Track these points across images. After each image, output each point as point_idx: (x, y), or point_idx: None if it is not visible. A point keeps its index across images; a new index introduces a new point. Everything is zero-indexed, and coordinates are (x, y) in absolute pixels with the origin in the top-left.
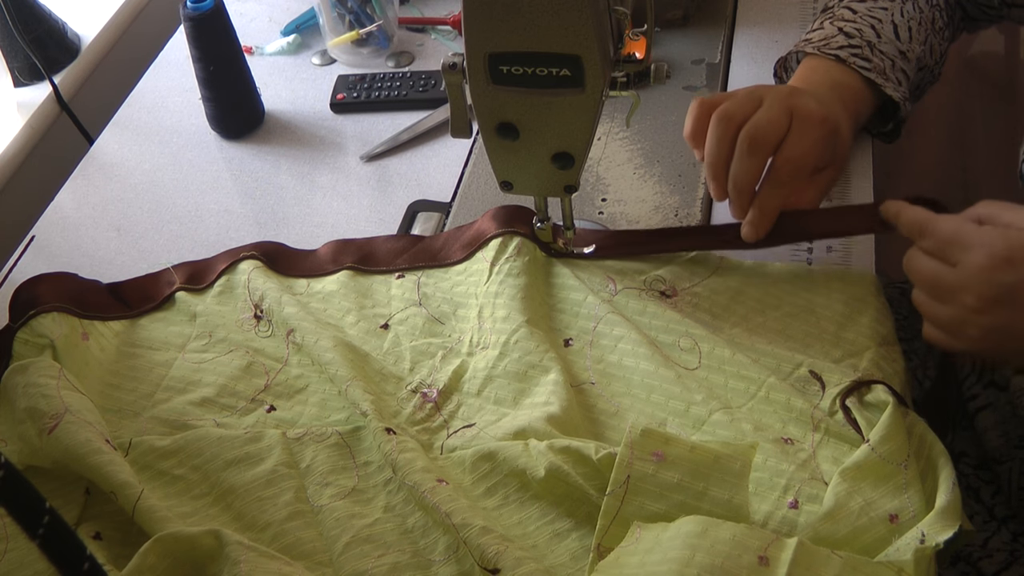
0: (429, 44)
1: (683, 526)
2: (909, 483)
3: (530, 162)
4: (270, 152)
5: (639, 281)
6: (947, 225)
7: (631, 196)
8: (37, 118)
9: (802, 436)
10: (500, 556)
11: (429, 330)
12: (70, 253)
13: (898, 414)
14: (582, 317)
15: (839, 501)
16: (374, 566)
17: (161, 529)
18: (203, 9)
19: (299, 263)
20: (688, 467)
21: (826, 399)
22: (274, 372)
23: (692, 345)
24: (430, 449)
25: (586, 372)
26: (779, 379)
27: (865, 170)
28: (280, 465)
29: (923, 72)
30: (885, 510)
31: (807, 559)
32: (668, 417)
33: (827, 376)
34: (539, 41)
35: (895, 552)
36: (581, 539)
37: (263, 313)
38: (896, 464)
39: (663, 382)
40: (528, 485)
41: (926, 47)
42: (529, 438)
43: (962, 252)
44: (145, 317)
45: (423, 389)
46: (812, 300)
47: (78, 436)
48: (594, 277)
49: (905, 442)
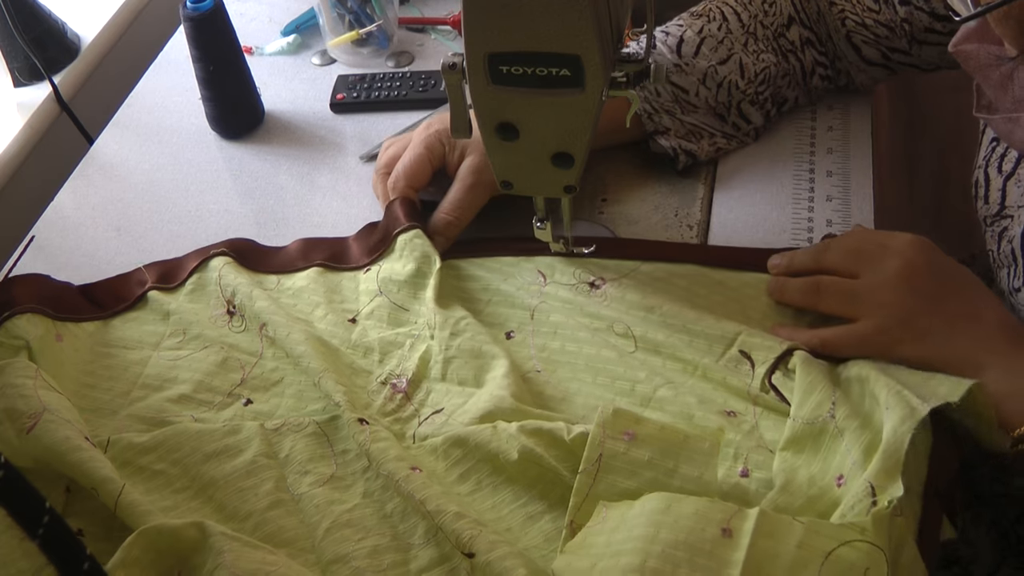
0: (429, 44)
1: (647, 503)
2: (842, 429)
3: (530, 162)
4: (270, 152)
5: (568, 273)
6: (848, 241)
7: (631, 196)
8: (37, 118)
9: (743, 409)
10: (474, 540)
11: (395, 320)
12: (70, 253)
13: (809, 369)
14: (517, 307)
15: (788, 476)
16: (354, 549)
17: (144, 523)
18: (203, 9)
19: (269, 259)
20: (658, 446)
21: (756, 378)
22: (249, 366)
23: (625, 330)
24: (403, 438)
25: (530, 361)
26: (713, 360)
27: (865, 170)
28: (259, 456)
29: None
30: (830, 476)
31: (769, 527)
32: (616, 397)
33: (756, 354)
34: (539, 41)
35: (850, 511)
36: (554, 520)
37: (236, 308)
38: (822, 419)
39: (606, 364)
40: (501, 469)
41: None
42: (496, 420)
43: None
44: (118, 317)
45: (392, 380)
46: (743, 282)
47: (57, 434)
48: (524, 272)
49: (826, 391)
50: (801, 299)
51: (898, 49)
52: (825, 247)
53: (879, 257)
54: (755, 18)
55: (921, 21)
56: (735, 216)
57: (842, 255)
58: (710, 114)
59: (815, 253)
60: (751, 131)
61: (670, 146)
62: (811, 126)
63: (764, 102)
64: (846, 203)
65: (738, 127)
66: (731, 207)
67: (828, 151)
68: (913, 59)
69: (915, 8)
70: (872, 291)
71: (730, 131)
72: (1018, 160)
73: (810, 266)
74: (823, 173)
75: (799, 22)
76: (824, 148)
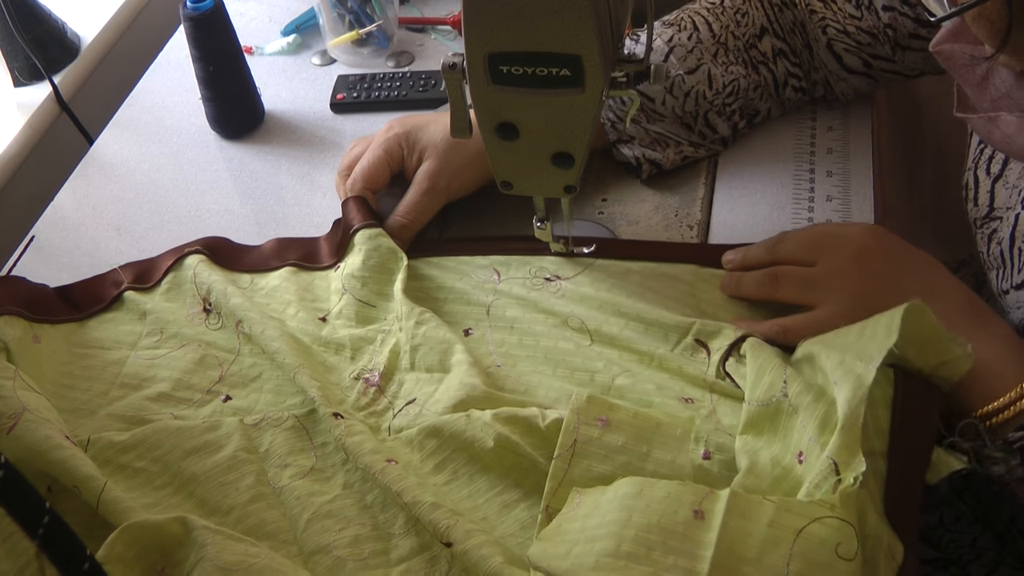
0: (429, 44)
1: (620, 488)
2: (796, 406)
3: (530, 162)
4: (270, 152)
5: (524, 271)
6: (802, 234)
7: (631, 196)
8: (37, 118)
9: (700, 396)
10: (451, 530)
11: (363, 317)
12: (70, 253)
13: (759, 352)
14: (473, 304)
15: (751, 459)
16: (335, 539)
17: (126, 520)
18: (203, 9)
19: (243, 258)
20: (632, 431)
21: (711, 366)
22: (227, 363)
23: (580, 325)
24: (378, 431)
25: (490, 356)
26: (668, 349)
27: (865, 170)
28: (240, 451)
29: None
30: (791, 454)
31: (741, 507)
32: (576, 388)
33: (712, 343)
34: (539, 41)
35: (816, 489)
36: (529, 508)
37: (212, 306)
38: (776, 399)
39: (564, 356)
40: (476, 458)
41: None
42: (469, 408)
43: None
44: (95, 318)
45: (365, 375)
46: (697, 275)
47: (38, 433)
48: (479, 270)
49: (777, 371)
50: (758, 290)
51: (880, 56)
52: (779, 240)
53: (834, 245)
54: (726, 28)
55: (905, 27)
56: (735, 216)
57: (797, 246)
58: (676, 123)
59: (769, 246)
60: (718, 140)
61: (633, 155)
62: (811, 126)
63: (732, 114)
64: (846, 203)
65: (704, 136)
66: (731, 207)
67: (828, 151)
68: (896, 65)
69: (899, 14)
70: (829, 276)
71: (697, 139)
72: (1005, 162)
73: (764, 259)
74: (823, 173)
75: (772, 32)
76: (824, 148)
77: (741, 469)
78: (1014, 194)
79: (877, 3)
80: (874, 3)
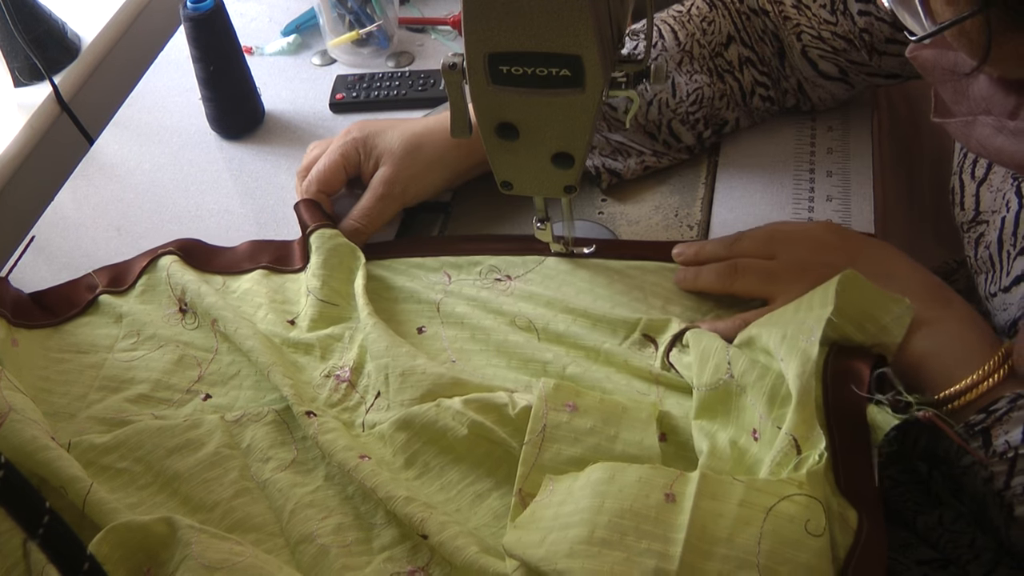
0: (429, 44)
1: (592, 474)
2: (743, 385)
3: (530, 162)
4: (270, 152)
5: (474, 272)
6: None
7: (631, 196)
8: (37, 118)
9: (647, 389)
10: (425, 522)
11: (328, 316)
12: (70, 253)
13: (701, 338)
14: (424, 302)
15: (710, 442)
16: (319, 528)
17: (112, 520)
18: (203, 9)
19: (216, 259)
20: (599, 415)
21: (657, 358)
22: (206, 362)
23: (527, 324)
24: (352, 427)
25: (445, 352)
26: (615, 344)
27: (865, 170)
28: (222, 447)
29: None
30: (746, 433)
31: (711, 489)
32: (531, 378)
33: (660, 337)
34: (539, 41)
35: (778, 467)
36: (502, 498)
37: (187, 306)
38: (723, 381)
39: (515, 348)
40: (448, 448)
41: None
42: (437, 398)
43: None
44: (70, 323)
45: (336, 372)
46: (644, 270)
47: (24, 434)
48: (430, 273)
49: (721, 354)
50: (716, 281)
51: (856, 62)
52: (737, 238)
53: (791, 241)
54: (692, 36)
55: (882, 31)
56: (735, 216)
57: (755, 243)
58: (639, 132)
59: (727, 243)
60: (683, 149)
61: (593, 165)
62: (811, 126)
63: (696, 123)
64: (846, 203)
65: (669, 145)
66: (731, 207)
67: (828, 151)
68: (873, 68)
69: (875, 18)
70: (787, 269)
71: (661, 149)
72: (989, 166)
73: (721, 255)
74: (823, 173)
75: (739, 41)
76: (824, 148)
77: (702, 453)
78: (998, 197)
79: (852, 8)
80: (849, 8)
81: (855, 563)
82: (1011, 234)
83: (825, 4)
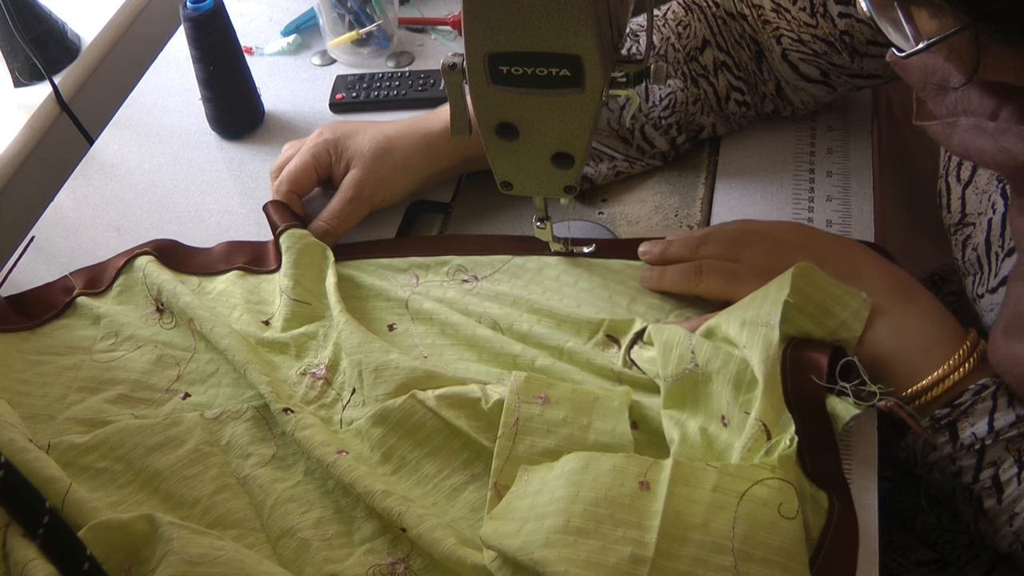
0: (429, 44)
1: (566, 464)
2: (708, 373)
3: (530, 162)
4: (270, 152)
5: (441, 273)
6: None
7: (631, 196)
8: (37, 118)
9: (610, 387)
10: (403, 516)
11: (301, 315)
12: (70, 253)
13: (662, 331)
14: (392, 299)
15: (681, 431)
16: (299, 522)
17: (91, 520)
18: (203, 9)
19: (192, 259)
20: (571, 405)
21: (619, 357)
22: (184, 362)
23: (493, 324)
24: (329, 423)
25: (416, 348)
26: (579, 343)
27: (865, 170)
28: (201, 444)
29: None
30: (715, 419)
31: (684, 475)
32: (502, 371)
33: (623, 337)
34: (539, 41)
35: (748, 453)
36: (478, 490)
37: (164, 306)
38: (688, 370)
39: (485, 342)
40: (424, 442)
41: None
42: (412, 390)
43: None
44: (47, 325)
45: (311, 370)
46: (609, 269)
47: (1, 436)
48: (398, 274)
49: (683, 344)
50: (681, 281)
51: (838, 64)
52: (703, 238)
53: (754, 242)
54: (667, 40)
55: (863, 33)
56: (735, 216)
57: (720, 245)
58: (613, 136)
59: (692, 243)
60: (657, 155)
61: None
62: (811, 126)
63: (668, 128)
64: (846, 203)
65: (643, 151)
66: (731, 207)
67: (828, 151)
68: (854, 70)
69: (856, 20)
70: (752, 270)
71: (635, 155)
72: (974, 168)
73: (686, 256)
74: (823, 173)
75: (715, 45)
76: (824, 148)
77: (674, 442)
78: (984, 200)
79: (832, 10)
80: (829, 10)
81: (828, 544)
82: (998, 236)
83: (805, 7)
